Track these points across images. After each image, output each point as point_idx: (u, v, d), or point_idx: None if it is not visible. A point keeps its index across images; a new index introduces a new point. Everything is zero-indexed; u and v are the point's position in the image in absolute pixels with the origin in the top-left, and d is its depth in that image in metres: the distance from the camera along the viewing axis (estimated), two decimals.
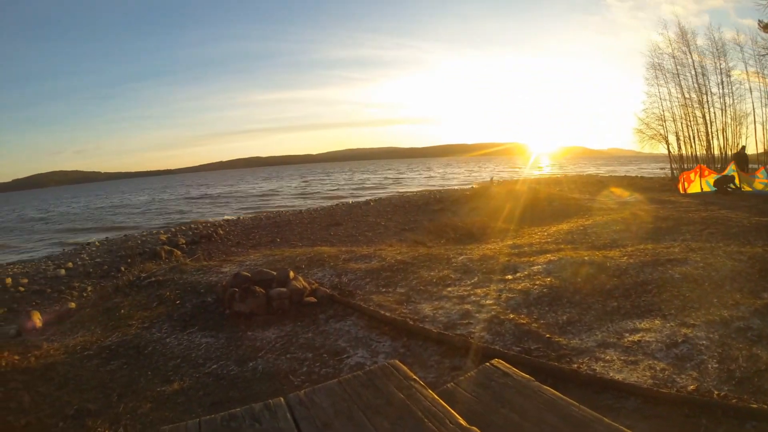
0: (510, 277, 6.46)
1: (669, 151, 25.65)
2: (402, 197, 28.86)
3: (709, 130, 23.80)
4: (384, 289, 6.44)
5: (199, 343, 5.24)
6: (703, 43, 24.06)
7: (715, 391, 3.31)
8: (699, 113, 24.15)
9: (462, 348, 4.44)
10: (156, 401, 4.10)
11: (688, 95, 24.40)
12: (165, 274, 7.90)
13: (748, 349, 3.85)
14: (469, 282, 6.45)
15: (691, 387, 3.42)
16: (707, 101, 23.91)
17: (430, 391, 1.97)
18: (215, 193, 55.70)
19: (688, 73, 24.21)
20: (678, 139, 25.21)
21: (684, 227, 9.11)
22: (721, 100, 23.53)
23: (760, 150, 23.74)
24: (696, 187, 17.34)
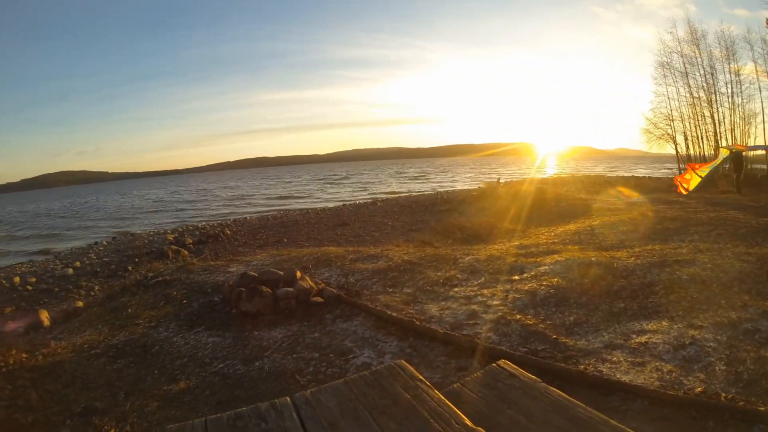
0: (517, 277, 6.45)
1: (677, 151, 25.46)
2: (409, 197, 28.88)
3: (718, 130, 23.60)
4: (391, 290, 6.44)
5: (205, 343, 5.26)
6: (713, 42, 23.87)
7: (723, 394, 3.29)
8: (707, 113, 23.97)
9: (468, 348, 4.43)
10: (163, 400, 4.12)
11: (696, 94, 24.22)
12: (172, 273, 7.93)
13: (756, 351, 3.82)
14: (476, 282, 6.44)
15: (699, 389, 3.40)
16: (716, 100, 23.73)
17: (437, 392, 1.97)
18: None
19: (696, 72, 24.03)
20: (686, 139, 25.03)
21: (692, 228, 9.06)
22: (730, 100, 23.36)
23: None
24: (695, 182, 17.21)
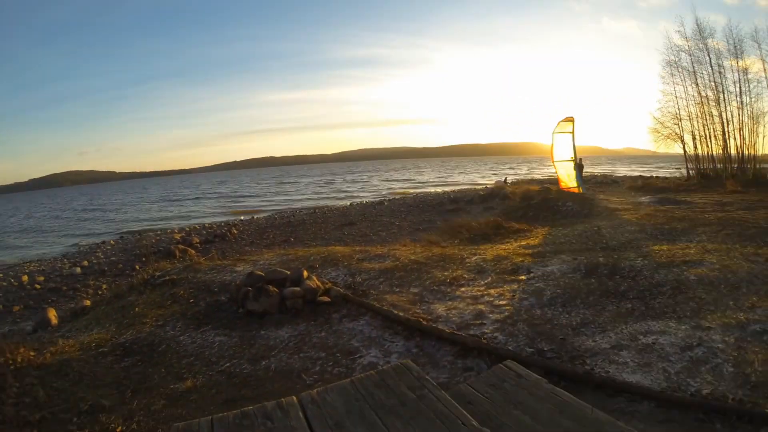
0: (524, 277, 6.43)
1: (685, 150, 25.26)
2: (416, 197, 28.85)
3: (726, 129, 23.41)
4: (397, 289, 6.44)
5: (212, 342, 5.27)
6: (720, 40, 23.65)
7: (730, 396, 3.27)
8: (715, 112, 23.77)
9: (475, 348, 4.43)
10: (169, 398, 4.13)
11: (704, 93, 24.02)
12: (179, 272, 7.96)
13: (765, 352, 3.80)
14: (482, 282, 6.44)
15: (706, 391, 3.38)
16: (724, 99, 23.53)
17: (443, 392, 1.97)
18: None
19: (704, 71, 23.83)
20: (694, 138, 24.83)
21: (700, 228, 9.00)
22: (738, 99, 23.15)
23: None
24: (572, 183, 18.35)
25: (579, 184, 18.01)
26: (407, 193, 36.12)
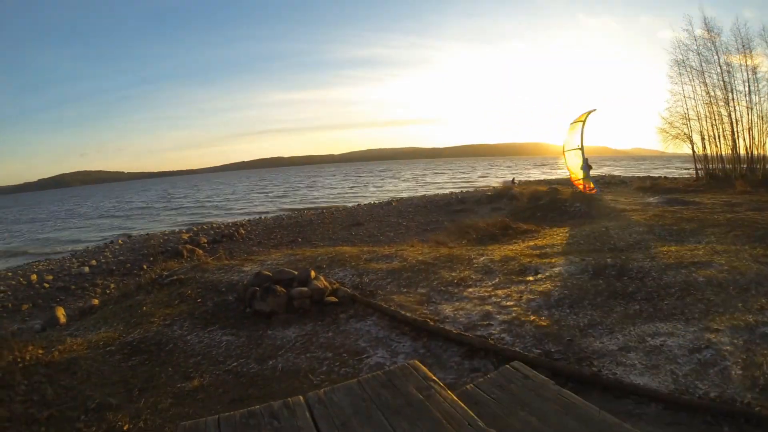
0: (531, 278, 6.42)
1: (693, 150, 25.04)
2: (424, 198, 28.82)
3: (735, 129, 23.21)
4: (405, 290, 6.44)
5: (219, 341, 5.29)
6: (729, 39, 23.44)
7: (738, 399, 3.25)
8: (724, 112, 23.56)
9: (482, 349, 4.42)
10: (176, 397, 4.15)
11: (712, 93, 23.81)
12: (187, 272, 7.99)
13: None
14: (490, 283, 6.43)
15: (714, 394, 3.36)
16: (733, 99, 23.32)
17: (450, 392, 1.97)
18: None
19: (713, 70, 23.62)
20: (702, 138, 24.62)
21: (708, 229, 8.94)
22: (747, 98, 22.93)
23: None
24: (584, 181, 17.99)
25: (587, 177, 17.76)
26: (414, 194, 36.12)
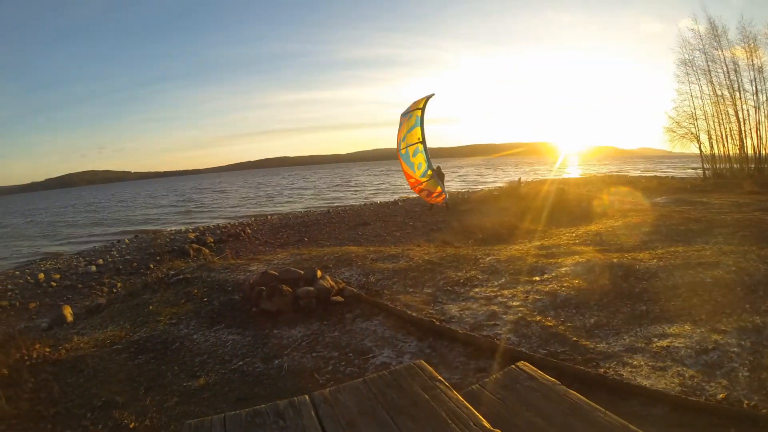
0: (537, 278, 6.40)
1: (701, 150, 24.90)
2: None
3: (742, 129, 23.05)
4: (411, 289, 6.44)
5: (225, 340, 5.31)
6: (735, 38, 23.26)
7: (745, 401, 3.23)
8: (731, 111, 23.41)
9: (488, 349, 4.41)
10: (182, 395, 4.17)
11: (719, 92, 23.66)
12: (193, 271, 8.02)
13: None
14: (496, 283, 6.41)
15: (721, 395, 3.34)
16: (740, 98, 23.16)
17: (455, 393, 1.97)
18: None
19: (719, 69, 23.47)
20: (710, 138, 24.47)
21: (716, 229, 8.89)
22: (754, 97, 22.77)
23: None
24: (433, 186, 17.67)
25: (434, 178, 17.21)
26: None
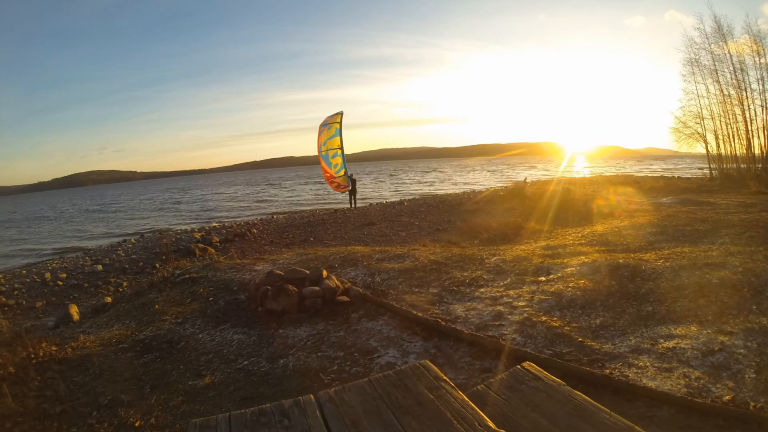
0: (543, 278, 6.39)
1: (707, 150, 24.75)
2: (436, 197, 28.77)
3: (749, 129, 22.89)
4: (417, 289, 6.43)
5: (231, 340, 5.32)
6: (741, 37, 23.08)
7: (752, 403, 3.21)
8: (738, 111, 23.24)
9: (493, 350, 4.41)
10: (187, 394, 4.18)
11: (726, 92, 23.50)
12: (199, 271, 8.04)
13: None
14: (502, 283, 6.41)
15: (727, 397, 3.32)
16: (747, 97, 22.98)
17: (460, 393, 1.96)
18: None
19: (726, 69, 23.30)
20: (716, 138, 24.31)
21: (723, 230, 8.85)
22: (762, 97, 22.60)
23: None
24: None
25: (345, 176, 21.46)
26: (426, 193, 36.14)
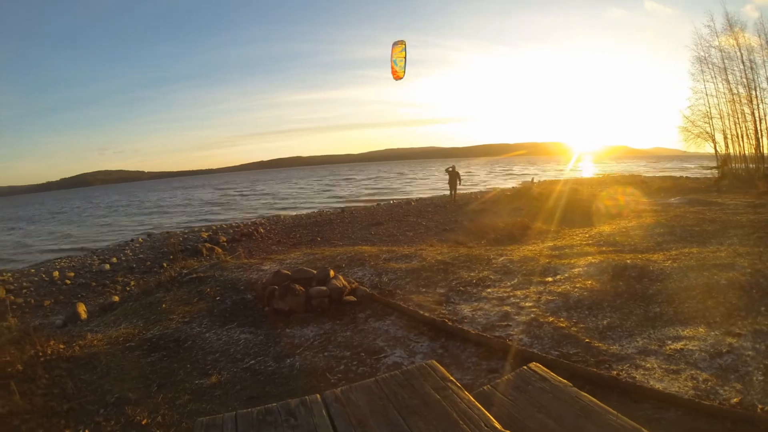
0: (550, 279, 6.38)
1: (716, 150, 24.53)
2: (443, 197, 28.76)
3: (759, 128, 22.66)
4: (424, 289, 6.43)
5: (237, 339, 5.34)
6: (752, 35, 22.84)
7: (760, 405, 3.19)
8: (747, 110, 23.00)
9: (500, 350, 4.40)
10: (194, 393, 4.20)
11: (735, 91, 23.25)
12: (206, 270, 8.07)
13: None
14: (508, 283, 6.40)
15: (735, 400, 3.30)
16: (756, 96, 22.73)
17: (467, 393, 1.96)
18: None
19: (735, 68, 23.06)
20: (725, 137, 24.07)
21: (731, 230, 8.79)
22: None
23: None
24: None
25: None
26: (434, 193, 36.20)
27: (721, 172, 20.64)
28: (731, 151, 23.91)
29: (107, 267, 14.95)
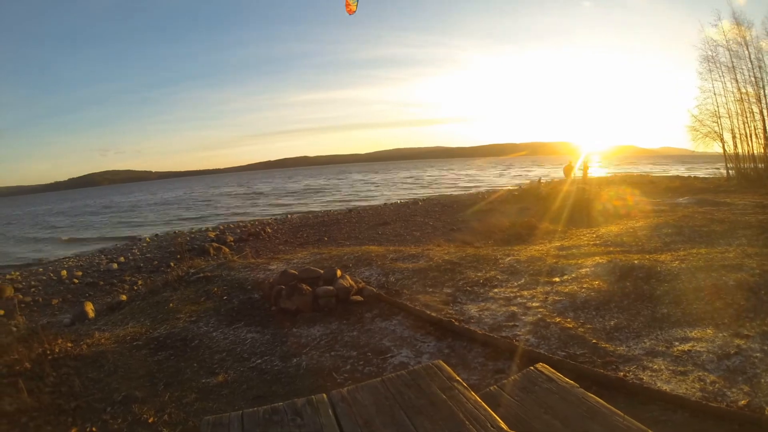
0: (557, 279, 6.36)
1: (724, 149, 24.27)
2: (450, 197, 28.73)
3: (767, 127, 22.40)
4: (431, 289, 6.43)
5: (244, 338, 5.35)
6: (761, 33, 22.59)
7: (767, 408, 3.18)
8: (756, 109, 22.74)
9: (507, 350, 4.40)
10: (200, 392, 4.22)
11: (744, 89, 22.99)
12: (213, 270, 8.10)
13: None
14: (515, 283, 6.38)
15: (742, 402, 3.28)
16: (765, 95, 22.47)
17: (473, 394, 1.96)
18: None
19: (744, 66, 22.80)
20: (734, 137, 23.83)
21: (740, 231, 8.72)
22: None
23: None
24: None
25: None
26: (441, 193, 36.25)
27: None
28: (740, 150, 23.67)
29: (115, 266, 15.04)
